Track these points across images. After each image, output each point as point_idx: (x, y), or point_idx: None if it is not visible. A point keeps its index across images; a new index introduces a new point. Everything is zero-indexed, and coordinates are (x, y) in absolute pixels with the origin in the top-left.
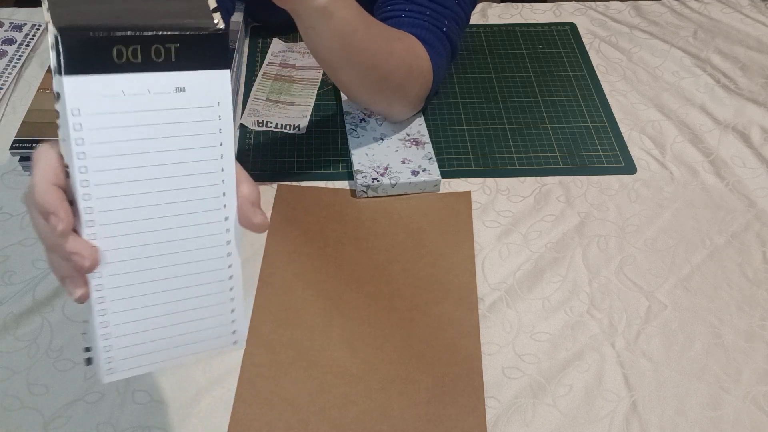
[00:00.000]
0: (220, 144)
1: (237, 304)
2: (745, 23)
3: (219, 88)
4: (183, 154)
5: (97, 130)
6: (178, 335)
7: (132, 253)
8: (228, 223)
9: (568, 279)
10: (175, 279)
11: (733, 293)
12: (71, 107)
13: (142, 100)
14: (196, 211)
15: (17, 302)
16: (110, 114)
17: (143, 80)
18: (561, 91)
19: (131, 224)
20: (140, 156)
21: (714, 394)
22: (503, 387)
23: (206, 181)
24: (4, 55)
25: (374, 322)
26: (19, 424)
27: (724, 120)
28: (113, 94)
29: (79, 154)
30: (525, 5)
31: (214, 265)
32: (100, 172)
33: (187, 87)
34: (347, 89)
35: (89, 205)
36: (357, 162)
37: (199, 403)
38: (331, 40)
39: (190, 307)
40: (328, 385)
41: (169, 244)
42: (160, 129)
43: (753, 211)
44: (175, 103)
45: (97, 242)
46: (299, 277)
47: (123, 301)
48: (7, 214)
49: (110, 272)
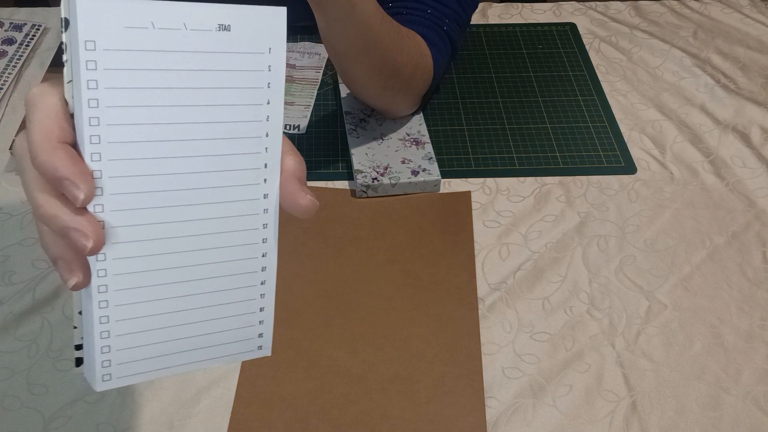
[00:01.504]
0: (267, 102)
1: (267, 302)
2: (745, 23)
3: (273, 30)
4: (220, 111)
5: (116, 71)
6: (192, 337)
7: (146, 232)
8: (267, 202)
9: (568, 279)
10: (196, 267)
11: (733, 293)
12: (84, 39)
13: (175, 36)
14: (228, 185)
15: (17, 302)
16: (134, 51)
17: (179, 11)
18: (561, 91)
19: (148, 196)
20: (166, 110)
21: (714, 394)
22: (503, 387)
23: (245, 148)
24: (4, 55)
25: (374, 322)
26: (19, 424)
27: (724, 120)
28: (140, 26)
29: (91, 101)
30: (525, 5)
31: (245, 253)
32: (115, 126)
33: (234, 25)
34: (356, 83)
35: (98, 168)
36: (357, 162)
37: (199, 403)
38: (352, 32)
39: (211, 302)
40: (328, 385)
41: (191, 223)
42: (194, 77)
43: (753, 211)
44: (217, 44)
45: (104, 216)
46: (299, 277)
47: (129, 292)
48: (7, 214)
49: (117, 255)
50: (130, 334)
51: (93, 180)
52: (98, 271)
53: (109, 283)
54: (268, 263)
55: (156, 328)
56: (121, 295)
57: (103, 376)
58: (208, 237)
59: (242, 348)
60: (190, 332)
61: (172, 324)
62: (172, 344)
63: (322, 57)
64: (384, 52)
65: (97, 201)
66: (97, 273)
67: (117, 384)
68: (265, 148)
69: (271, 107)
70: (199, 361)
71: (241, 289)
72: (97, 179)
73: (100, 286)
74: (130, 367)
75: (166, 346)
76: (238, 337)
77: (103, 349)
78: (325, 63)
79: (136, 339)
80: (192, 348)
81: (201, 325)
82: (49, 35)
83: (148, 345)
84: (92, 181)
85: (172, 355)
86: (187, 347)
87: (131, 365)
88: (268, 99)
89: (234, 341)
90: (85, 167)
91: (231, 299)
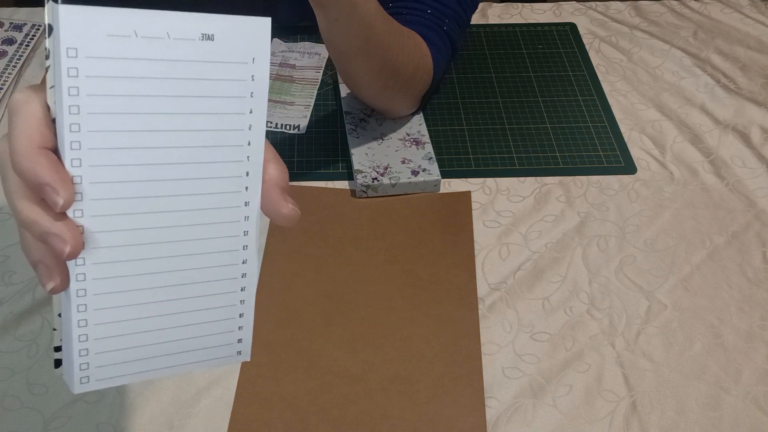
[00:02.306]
0: (249, 111)
1: (247, 308)
2: (745, 23)
3: (257, 40)
4: (202, 120)
5: (98, 78)
6: (171, 341)
7: (125, 237)
8: (248, 210)
9: (568, 279)
10: (176, 273)
11: (733, 293)
12: (67, 46)
13: (158, 45)
14: (210, 192)
15: (17, 302)
16: (116, 59)
17: (163, 19)
18: (561, 91)
19: (128, 202)
20: (148, 117)
21: (714, 394)
22: (503, 387)
23: (227, 156)
24: (4, 55)
25: (374, 322)
26: (19, 424)
27: (724, 120)
28: (123, 34)
29: (72, 107)
30: (525, 5)
31: (226, 259)
32: (95, 132)
33: (217, 35)
34: (356, 83)
35: (78, 174)
36: (357, 162)
37: (199, 403)
38: (353, 32)
39: (191, 308)
40: (328, 385)
41: (172, 229)
42: (176, 85)
43: (753, 211)
44: (200, 53)
45: (84, 221)
46: (299, 277)
47: (108, 296)
48: (6, 214)
49: (96, 259)
50: (109, 338)
51: (73, 186)
52: (77, 275)
53: (87, 287)
54: (249, 270)
55: (135, 332)
56: (99, 299)
57: (81, 379)
58: (189, 243)
59: (221, 353)
60: (169, 337)
61: (151, 328)
62: (150, 348)
63: (322, 57)
64: (385, 52)
65: (77, 206)
66: (76, 277)
67: (95, 386)
68: (247, 157)
69: (253, 116)
70: (177, 365)
71: (221, 294)
72: (77, 185)
73: (79, 290)
74: (108, 370)
75: (144, 350)
76: (218, 342)
77: (81, 352)
78: (325, 63)
79: (114, 342)
80: (171, 352)
81: (180, 330)
82: None
83: (126, 348)
84: (72, 186)
85: (151, 359)
86: (166, 351)
87: (109, 368)
88: (251, 108)
89: (213, 346)
90: (66, 173)
91: (211, 305)
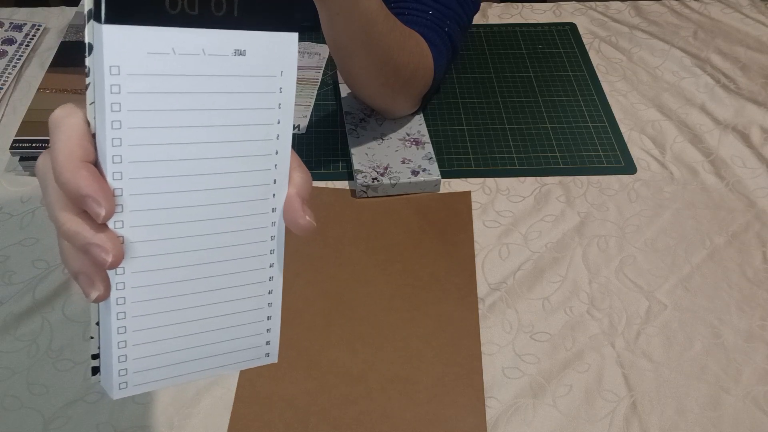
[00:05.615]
0: (277, 122)
1: (274, 311)
2: (745, 23)
3: (284, 54)
4: (233, 131)
5: (139, 95)
6: (204, 345)
7: (162, 246)
8: (275, 215)
9: (568, 279)
10: (208, 279)
11: (733, 293)
12: (110, 64)
13: (194, 61)
14: (240, 200)
15: (17, 302)
16: (156, 76)
17: (199, 37)
18: (561, 91)
19: (163, 212)
20: (183, 131)
21: (714, 394)
22: (503, 387)
23: (256, 165)
24: (4, 55)
25: (374, 322)
26: (19, 424)
27: (724, 120)
28: (162, 52)
29: (114, 122)
30: (525, 5)
31: (255, 264)
32: (136, 146)
33: (249, 50)
34: (356, 81)
35: (119, 186)
36: (357, 162)
37: (199, 403)
38: (354, 26)
39: (223, 312)
40: (328, 385)
41: (205, 237)
42: (210, 99)
43: (753, 211)
44: (232, 68)
45: (124, 232)
46: (299, 277)
47: (146, 304)
48: (6, 214)
49: (135, 268)
50: (146, 344)
51: (114, 198)
52: (117, 284)
53: (127, 296)
54: (275, 273)
55: (170, 338)
56: (138, 306)
57: (120, 384)
58: (220, 249)
59: (251, 355)
60: (202, 341)
61: (185, 333)
62: (184, 353)
63: (322, 57)
64: (385, 49)
65: (118, 217)
66: (116, 286)
67: (133, 392)
68: (275, 165)
69: (281, 126)
70: (210, 368)
71: (250, 298)
72: (117, 197)
73: (119, 298)
74: (145, 375)
75: (179, 355)
76: (247, 345)
77: (120, 359)
78: (325, 63)
79: (151, 348)
80: (204, 356)
81: (212, 334)
82: (49, 35)
83: (162, 354)
84: (113, 198)
85: (185, 363)
86: (199, 355)
87: (146, 373)
88: (279, 119)
89: (243, 349)
90: (107, 185)
91: (241, 309)
